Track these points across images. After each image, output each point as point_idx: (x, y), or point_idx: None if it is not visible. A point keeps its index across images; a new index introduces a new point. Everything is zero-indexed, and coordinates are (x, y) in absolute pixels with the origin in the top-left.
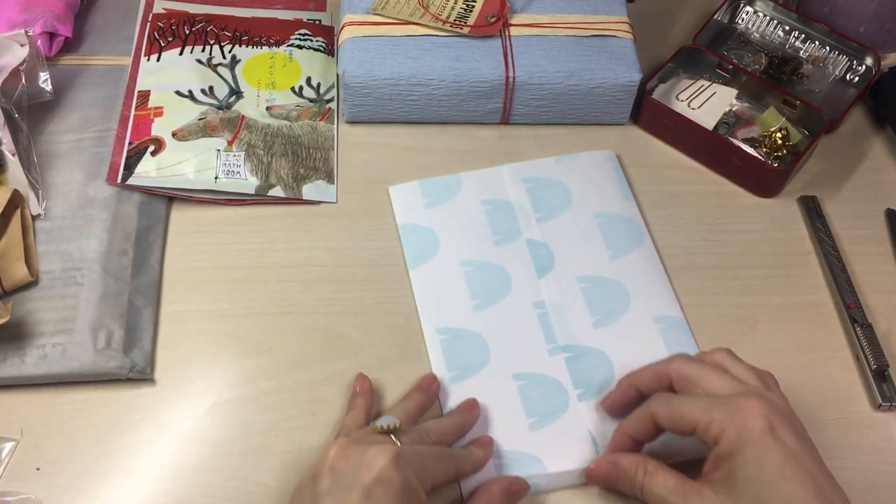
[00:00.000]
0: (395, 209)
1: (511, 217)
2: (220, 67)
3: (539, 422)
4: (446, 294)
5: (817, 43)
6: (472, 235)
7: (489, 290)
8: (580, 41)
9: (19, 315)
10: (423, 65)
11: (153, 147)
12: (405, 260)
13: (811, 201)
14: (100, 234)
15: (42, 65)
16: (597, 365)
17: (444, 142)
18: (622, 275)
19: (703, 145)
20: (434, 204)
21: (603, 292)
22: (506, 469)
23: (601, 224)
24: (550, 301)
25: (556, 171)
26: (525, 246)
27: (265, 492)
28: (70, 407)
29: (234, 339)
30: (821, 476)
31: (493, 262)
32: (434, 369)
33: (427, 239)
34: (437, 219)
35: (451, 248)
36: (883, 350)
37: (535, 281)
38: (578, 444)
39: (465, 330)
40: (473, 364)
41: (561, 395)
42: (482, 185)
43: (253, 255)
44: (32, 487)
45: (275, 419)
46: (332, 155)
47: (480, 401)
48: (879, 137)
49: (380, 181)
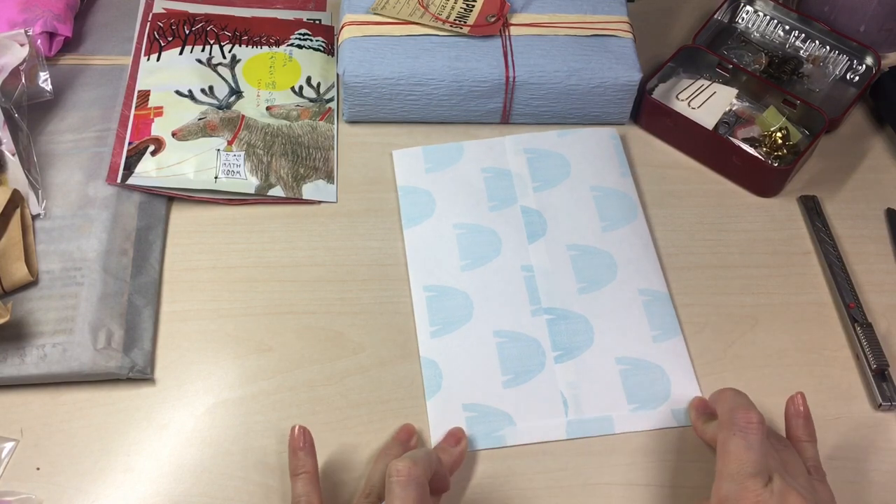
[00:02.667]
0: (397, 172)
1: (509, 185)
2: (220, 67)
3: (514, 380)
4: (436, 254)
5: (817, 42)
6: (469, 200)
7: (479, 252)
8: (580, 41)
9: (19, 315)
10: (423, 64)
11: (153, 147)
12: (400, 220)
13: (811, 201)
14: (100, 233)
15: (42, 64)
16: (577, 329)
17: (444, 141)
18: (612, 246)
19: (703, 145)
20: (435, 169)
21: (591, 261)
22: (476, 423)
23: (596, 197)
24: (538, 265)
25: (558, 144)
26: (519, 212)
27: (265, 492)
28: (70, 407)
29: (234, 339)
30: None
31: (485, 226)
32: (417, 323)
33: (424, 201)
34: (436, 183)
35: (446, 210)
36: (883, 350)
37: (525, 245)
38: (550, 404)
39: (451, 288)
40: (455, 320)
41: (539, 355)
42: (484, 154)
43: (253, 255)
44: (32, 487)
45: (275, 419)
46: (332, 155)
47: (458, 354)
48: (879, 137)
49: (380, 181)
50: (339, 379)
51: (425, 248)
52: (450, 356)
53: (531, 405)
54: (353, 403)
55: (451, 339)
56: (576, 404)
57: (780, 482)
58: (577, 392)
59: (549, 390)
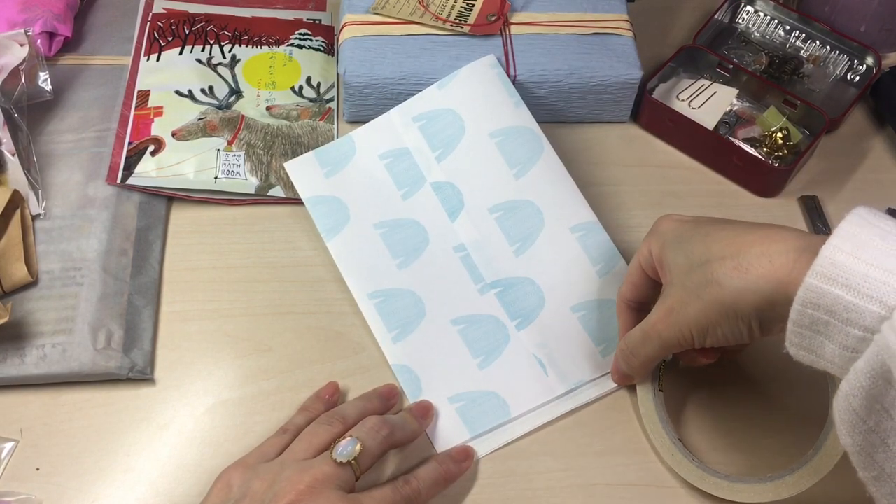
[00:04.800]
0: (297, 185)
1: (412, 165)
2: (220, 67)
3: (486, 359)
4: (368, 259)
5: (818, 42)
6: (379, 196)
7: (408, 246)
8: (580, 39)
9: (19, 315)
10: (424, 64)
11: (153, 147)
12: (319, 233)
13: (812, 201)
14: (99, 234)
15: (42, 64)
16: (527, 292)
17: None
18: (530, 192)
19: (704, 145)
20: (333, 172)
21: (516, 216)
22: (467, 410)
23: (499, 143)
24: (469, 241)
25: (443, 99)
26: (432, 191)
27: None
28: (70, 407)
29: (234, 339)
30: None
31: (405, 219)
32: (374, 332)
33: (335, 209)
34: (339, 186)
35: (361, 212)
36: None
37: (449, 225)
38: (528, 370)
39: (395, 289)
40: (411, 319)
41: (500, 329)
42: (376, 139)
43: (253, 255)
44: (32, 487)
45: (275, 419)
46: None
47: (425, 351)
48: (880, 137)
49: None
50: (339, 379)
51: (354, 257)
52: (418, 357)
53: (512, 377)
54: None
55: (413, 339)
56: (551, 362)
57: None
58: (549, 351)
59: (523, 357)
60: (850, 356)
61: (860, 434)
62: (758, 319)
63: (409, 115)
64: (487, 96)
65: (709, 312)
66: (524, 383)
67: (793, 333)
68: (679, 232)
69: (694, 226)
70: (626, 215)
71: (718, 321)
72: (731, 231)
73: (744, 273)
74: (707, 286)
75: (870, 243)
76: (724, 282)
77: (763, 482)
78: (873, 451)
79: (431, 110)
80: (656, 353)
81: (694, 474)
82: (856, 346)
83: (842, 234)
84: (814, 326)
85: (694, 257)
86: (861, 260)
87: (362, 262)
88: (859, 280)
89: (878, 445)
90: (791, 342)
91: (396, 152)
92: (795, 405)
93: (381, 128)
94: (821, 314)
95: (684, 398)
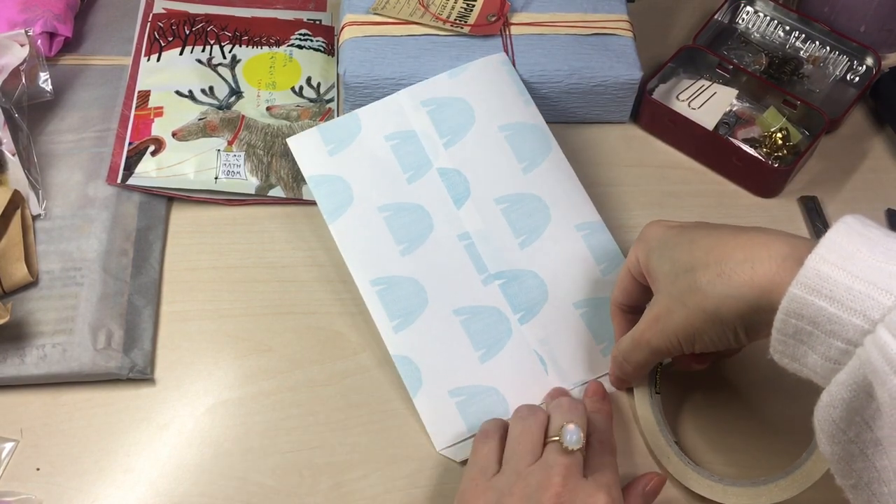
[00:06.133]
0: (300, 162)
1: (418, 148)
2: (220, 67)
3: (488, 352)
4: (371, 244)
5: (818, 43)
6: (384, 177)
7: (412, 232)
8: (580, 39)
9: (19, 315)
10: (424, 64)
11: (153, 147)
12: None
13: (812, 201)
14: (100, 234)
15: (42, 65)
16: (530, 286)
17: None
18: (537, 187)
19: (704, 145)
20: (338, 149)
21: (522, 209)
22: (466, 405)
23: (508, 137)
24: (474, 230)
25: (454, 88)
26: (438, 177)
27: (265, 492)
28: (70, 407)
29: (234, 339)
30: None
31: (410, 203)
32: (376, 321)
33: (339, 189)
34: (343, 165)
35: (365, 194)
36: None
37: (454, 212)
38: (529, 367)
39: (397, 276)
40: (413, 308)
41: (503, 321)
42: (383, 119)
43: (253, 255)
44: (32, 487)
45: (275, 419)
46: None
47: (427, 342)
48: (880, 137)
49: None
50: (339, 379)
51: (358, 240)
52: (420, 347)
53: (512, 372)
54: (353, 403)
55: (415, 329)
56: (552, 360)
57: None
58: (550, 348)
59: (524, 353)
60: (833, 367)
61: (839, 444)
62: (743, 326)
63: (419, 98)
64: (499, 91)
65: (693, 320)
66: (524, 380)
67: (777, 341)
68: (665, 239)
69: (679, 232)
70: (626, 215)
71: (704, 328)
72: (715, 237)
73: (726, 280)
74: (691, 293)
75: (856, 254)
76: (707, 289)
77: (757, 485)
78: (852, 461)
79: (441, 97)
80: (648, 360)
81: (688, 477)
82: (838, 358)
83: (828, 243)
84: (797, 336)
85: (679, 264)
86: (846, 271)
87: (365, 246)
88: (843, 293)
89: (857, 455)
90: (775, 349)
91: (403, 134)
92: (791, 408)
93: (388, 108)
94: (804, 324)
95: (681, 401)
